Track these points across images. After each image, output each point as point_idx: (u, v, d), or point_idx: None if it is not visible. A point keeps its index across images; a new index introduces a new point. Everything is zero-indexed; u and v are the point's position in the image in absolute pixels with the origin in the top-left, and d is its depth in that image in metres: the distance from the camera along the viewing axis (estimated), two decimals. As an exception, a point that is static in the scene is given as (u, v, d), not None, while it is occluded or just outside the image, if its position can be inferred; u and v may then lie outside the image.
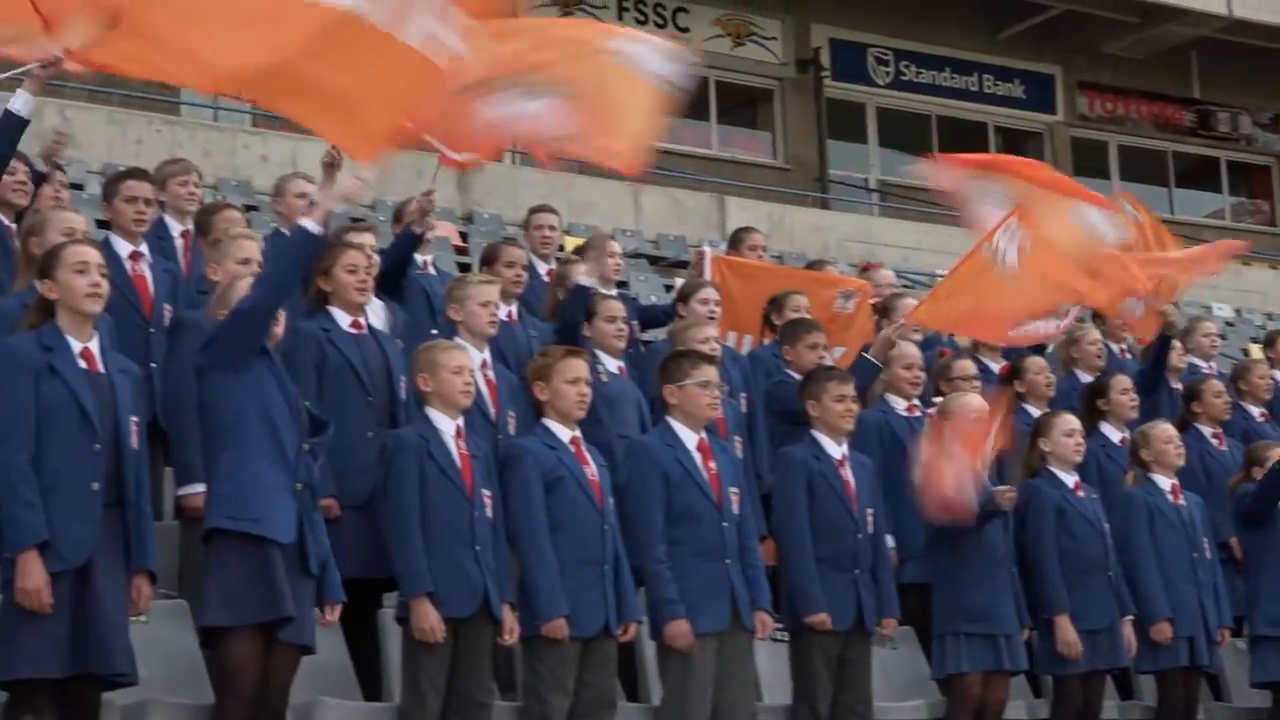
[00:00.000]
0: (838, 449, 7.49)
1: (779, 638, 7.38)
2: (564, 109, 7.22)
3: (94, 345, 5.74)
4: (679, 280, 11.95)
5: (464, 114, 6.93)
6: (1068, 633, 7.79)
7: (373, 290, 7.46)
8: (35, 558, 5.42)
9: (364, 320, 7.24)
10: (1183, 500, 8.45)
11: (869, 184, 25.62)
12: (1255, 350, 17.71)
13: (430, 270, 9.06)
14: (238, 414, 5.80)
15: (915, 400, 8.57)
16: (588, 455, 6.83)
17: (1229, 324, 19.90)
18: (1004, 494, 7.50)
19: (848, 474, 7.44)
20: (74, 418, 5.57)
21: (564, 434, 6.81)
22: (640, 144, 7.28)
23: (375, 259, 7.87)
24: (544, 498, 6.64)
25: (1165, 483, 8.45)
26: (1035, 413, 8.73)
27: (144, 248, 7.92)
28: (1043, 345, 9.89)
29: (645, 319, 10.16)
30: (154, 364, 7.37)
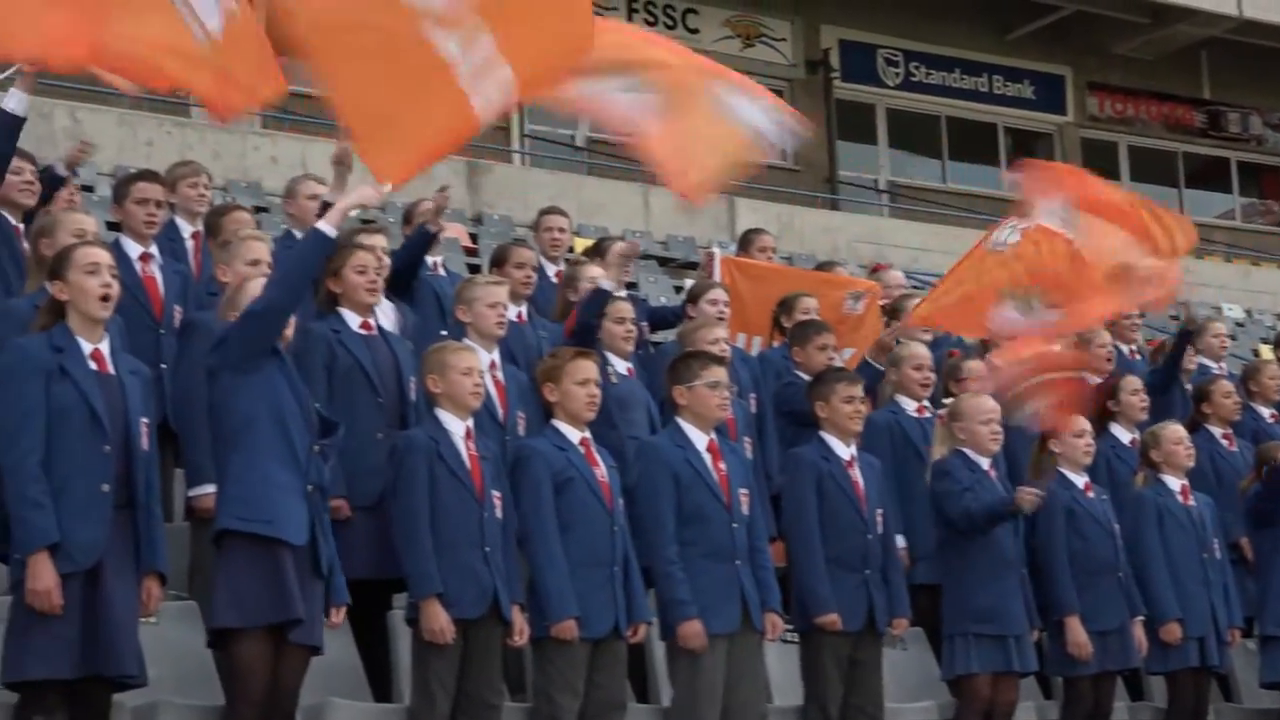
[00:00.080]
0: (846, 450, 7.48)
1: (789, 639, 7.39)
2: (651, 111, 7.35)
3: (104, 347, 5.75)
4: (688, 281, 11.93)
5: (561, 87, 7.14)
6: (1078, 634, 7.79)
7: (383, 291, 7.47)
8: (46, 559, 5.42)
9: (374, 321, 7.23)
10: (1193, 501, 8.45)
11: (879, 185, 25.61)
12: (1265, 351, 17.70)
13: (440, 271, 9.07)
14: (249, 415, 5.80)
15: (925, 401, 8.58)
16: (597, 456, 6.84)
17: (1239, 325, 19.88)
18: (1026, 495, 7.48)
19: (856, 475, 7.44)
20: (84, 419, 5.57)
21: (574, 435, 6.82)
22: (709, 180, 7.44)
23: (386, 261, 7.88)
24: (554, 499, 6.65)
25: (1175, 484, 8.45)
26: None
27: (154, 249, 7.94)
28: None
29: (655, 320, 10.15)
30: (164, 365, 7.38)
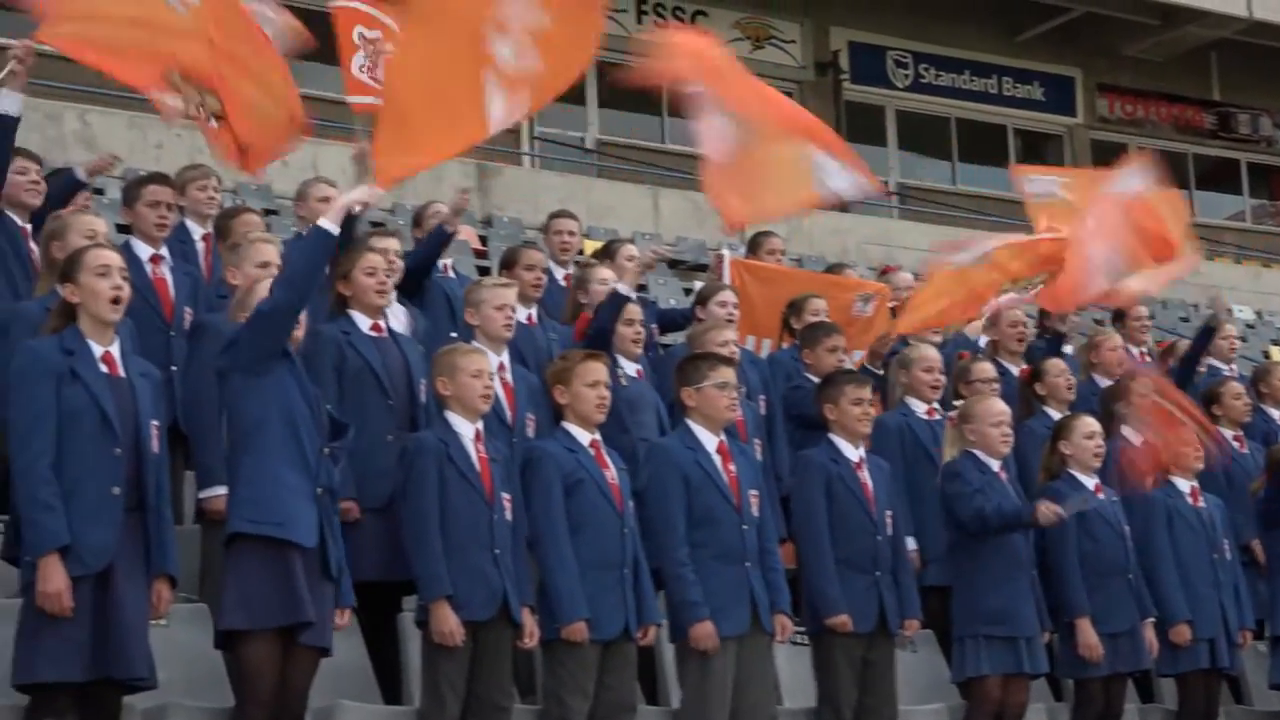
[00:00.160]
0: (855, 452, 7.48)
1: (798, 641, 7.39)
2: (732, 139, 7.55)
3: (115, 349, 5.75)
4: (698, 284, 11.94)
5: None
6: (1089, 636, 7.78)
7: (393, 293, 7.48)
8: (56, 562, 5.42)
9: (384, 323, 7.25)
10: (1202, 502, 8.44)
11: (888, 187, 25.59)
12: (1276, 352, 17.72)
13: (450, 273, 9.09)
14: (259, 417, 5.81)
15: (935, 404, 8.57)
16: (607, 458, 6.83)
17: (1249, 326, 19.86)
18: (1048, 512, 7.44)
19: (865, 477, 7.44)
20: (95, 422, 5.57)
21: (584, 437, 6.82)
22: (757, 217, 7.64)
23: (396, 263, 7.90)
24: (564, 501, 6.65)
25: (1185, 485, 8.44)
26: (1055, 415, 8.73)
27: (164, 251, 7.95)
28: (1059, 343, 9.84)
29: (664, 322, 10.17)
30: (174, 367, 7.39)
